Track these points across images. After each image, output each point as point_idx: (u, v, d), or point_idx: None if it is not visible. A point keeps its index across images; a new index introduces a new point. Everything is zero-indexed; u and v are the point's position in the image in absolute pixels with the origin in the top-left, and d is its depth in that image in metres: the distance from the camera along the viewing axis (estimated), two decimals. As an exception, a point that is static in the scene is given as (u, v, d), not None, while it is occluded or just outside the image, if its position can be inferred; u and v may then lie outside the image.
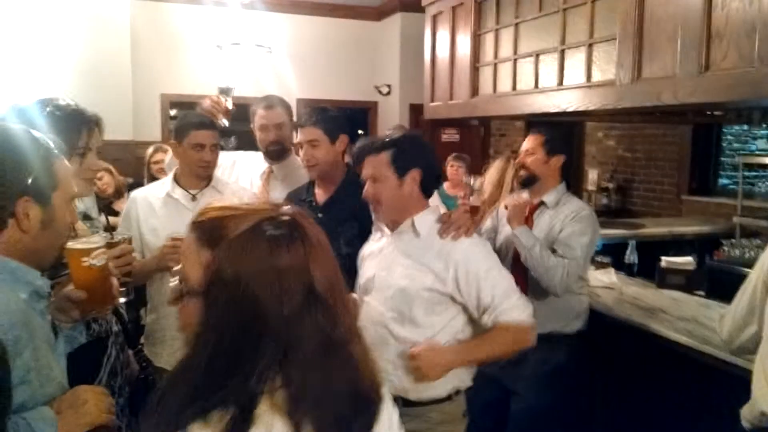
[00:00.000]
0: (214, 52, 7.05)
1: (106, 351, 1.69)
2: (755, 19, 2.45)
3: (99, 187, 4.06)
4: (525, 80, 4.12)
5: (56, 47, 6.11)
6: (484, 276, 1.89)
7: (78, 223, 1.65)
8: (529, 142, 2.75)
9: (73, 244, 1.45)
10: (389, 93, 7.83)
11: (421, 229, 1.96)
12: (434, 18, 5.26)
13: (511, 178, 3.05)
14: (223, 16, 7.06)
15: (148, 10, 6.86)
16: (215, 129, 2.53)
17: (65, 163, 1.33)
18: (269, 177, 2.92)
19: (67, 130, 1.63)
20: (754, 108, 3.41)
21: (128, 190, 3.97)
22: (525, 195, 2.77)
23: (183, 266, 0.97)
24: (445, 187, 5.08)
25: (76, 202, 1.46)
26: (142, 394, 1.84)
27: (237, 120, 3.10)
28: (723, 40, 2.60)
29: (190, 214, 1.39)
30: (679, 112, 3.92)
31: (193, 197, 2.49)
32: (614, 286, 3.31)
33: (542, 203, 2.71)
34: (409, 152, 1.96)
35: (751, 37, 2.47)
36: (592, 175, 6.33)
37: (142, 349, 1.96)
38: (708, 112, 3.86)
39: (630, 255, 3.65)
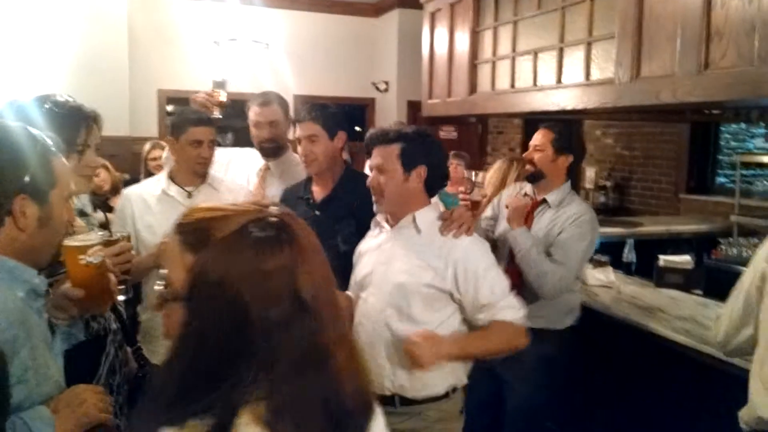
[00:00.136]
0: (212, 48, 7.05)
1: (104, 349, 1.68)
2: (755, 18, 2.45)
3: (96, 183, 4.04)
4: (523, 78, 4.11)
5: (53, 42, 6.09)
6: (483, 274, 1.90)
7: (76, 220, 1.64)
8: (539, 138, 2.72)
9: (70, 242, 1.44)
10: (387, 90, 7.82)
11: (422, 225, 1.96)
12: (432, 15, 5.25)
13: (513, 181, 3.05)
14: (221, 12, 7.05)
15: (145, 5, 6.84)
16: (213, 125, 2.52)
17: (63, 161, 1.33)
18: (266, 174, 2.91)
19: (66, 127, 1.62)
20: (752, 106, 3.41)
21: (125, 187, 3.95)
22: (526, 195, 2.76)
23: (167, 269, 0.93)
24: (445, 185, 5.06)
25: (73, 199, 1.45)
26: (140, 393, 1.83)
27: (234, 116, 3.09)
28: (722, 38, 2.60)
29: None
30: (677, 110, 3.92)
31: (189, 194, 2.49)
32: (612, 284, 3.31)
33: (545, 201, 2.70)
34: (418, 148, 1.95)
35: (750, 36, 2.47)
36: (590, 173, 6.32)
37: (140, 347, 1.95)
38: (706, 110, 3.86)
39: (628, 254, 3.65)
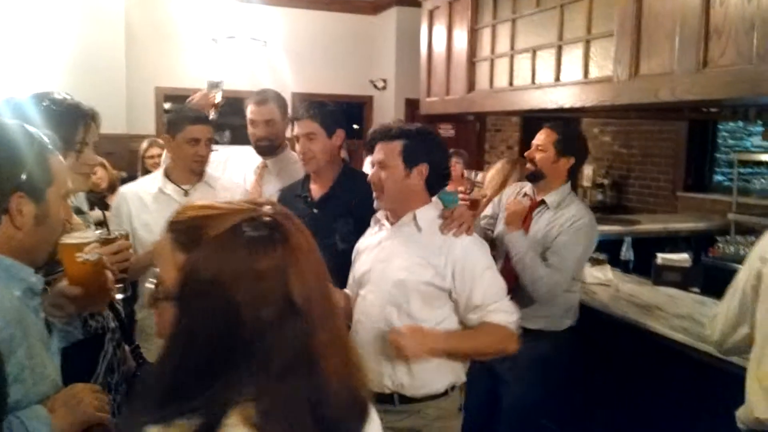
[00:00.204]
0: (209, 46, 7.03)
1: (102, 348, 1.67)
2: (754, 16, 2.45)
3: (93, 181, 4.03)
4: (522, 76, 4.11)
5: (50, 40, 6.07)
6: (480, 275, 1.90)
7: (74, 218, 1.63)
8: (542, 138, 2.70)
9: (67, 239, 1.43)
10: (385, 87, 7.81)
11: (422, 223, 1.96)
12: (431, 12, 5.24)
13: (514, 182, 3.04)
14: (219, 10, 7.03)
15: (142, 2, 6.82)
16: (210, 124, 2.52)
17: (60, 159, 1.32)
18: (263, 172, 2.90)
19: (64, 125, 1.61)
20: (750, 104, 3.41)
21: (122, 184, 3.93)
22: (526, 195, 2.75)
23: (159, 268, 0.92)
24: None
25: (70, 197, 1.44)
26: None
27: (232, 114, 3.09)
28: (721, 36, 2.59)
29: None
30: (675, 108, 3.92)
31: (186, 192, 2.48)
32: (610, 282, 3.30)
33: (543, 202, 2.68)
34: (421, 146, 1.96)
35: (749, 34, 2.47)
36: (588, 171, 6.32)
37: (138, 345, 1.94)
38: (704, 108, 3.86)
39: (626, 252, 3.65)
